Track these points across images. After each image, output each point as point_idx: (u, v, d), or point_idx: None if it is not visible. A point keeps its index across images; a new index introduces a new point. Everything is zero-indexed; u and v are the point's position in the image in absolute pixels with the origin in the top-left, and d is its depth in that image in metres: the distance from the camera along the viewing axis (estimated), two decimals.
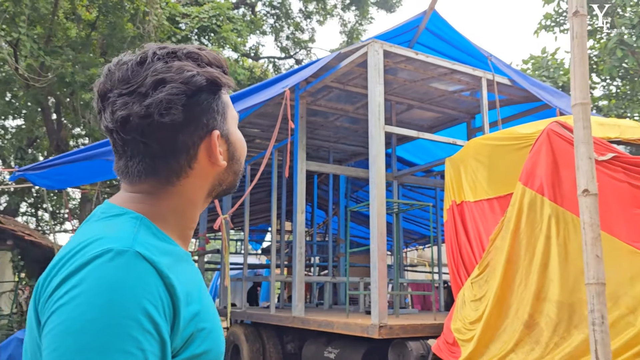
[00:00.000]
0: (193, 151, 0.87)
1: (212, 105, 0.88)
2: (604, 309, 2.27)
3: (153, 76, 0.83)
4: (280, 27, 17.04)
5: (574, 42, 2.58)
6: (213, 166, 0.89)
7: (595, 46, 10.25)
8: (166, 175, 0.86)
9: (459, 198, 4.53)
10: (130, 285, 0.70)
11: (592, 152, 2.43)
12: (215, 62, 0.90)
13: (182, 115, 0.83)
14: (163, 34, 11.00)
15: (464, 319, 4.03)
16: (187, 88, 0.83)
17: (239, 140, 0.95)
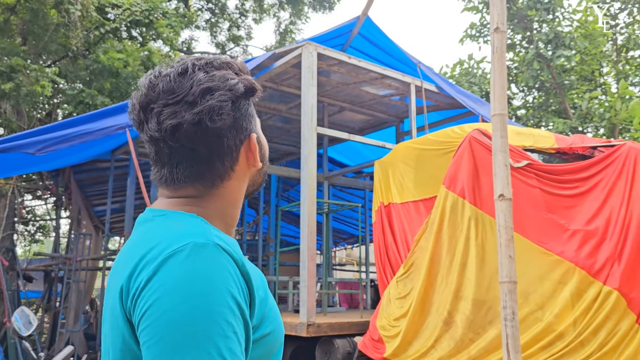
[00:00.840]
0: (236, 154, 0.92)
1: (249, 110, 0.94)
2: (515, 306, 2.44)
3: (199, 85, 0.87)
4: (216, 23, 16.77)
5: (494, 56, 2.76)
6: (250, 167, 0.96)
7: (514, 59, 10.88)
8: (212, 178, 0.91)
9: (386, 200, 4.68)
10: (219, 274, 0.75)
11: (508, 160, 2.61)
12: (245, 70, 0.96)
13: (230, 120, 0.89)
14: (90, 23, 10.52)
15: (389, 316, 4.18)
16: (232, 94, 0.89)
17: (265, 142, 1.03)
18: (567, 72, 10.08)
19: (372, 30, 6.41)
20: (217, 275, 0.75)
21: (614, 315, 3.23)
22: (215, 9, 16.27)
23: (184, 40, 16.95)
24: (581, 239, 3.46)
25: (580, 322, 3.25)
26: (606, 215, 3.57)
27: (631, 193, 3.64)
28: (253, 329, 0.81)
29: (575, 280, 3.32)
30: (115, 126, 5.18)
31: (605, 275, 3.31)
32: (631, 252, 3.41)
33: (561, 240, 3.47)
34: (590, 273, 3.31)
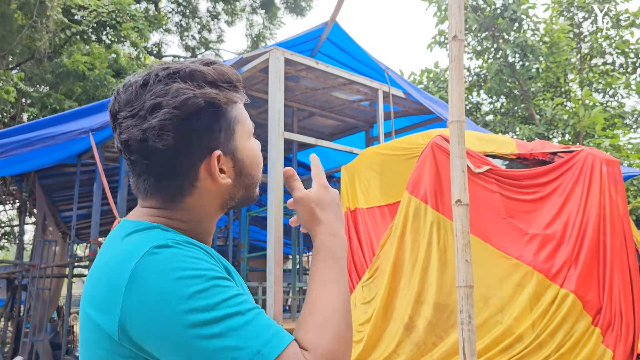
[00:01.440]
0: (193, 172, 0.88)
1: (212, 125, 0.88)
2: (472, 310, 2.48)
3: (151, 100, 0.85)
4: (187, 26, 16.65)
5: (452, 64, 2.80)
6: (217, 184, 0.90)
7: (483, 65, 11.08)
8: (170, 193, 0.89)
9: (352, 205, 4.70)
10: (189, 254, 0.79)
11: (466, 166, 2.65)
12: (222, 77, 0.90)
13: (174, 140, 0.84)
14: (56, 25, 10.33)
15: (355, 322, 4.19)
16: (181, 112, 0.84)
17: (250, 153, 0.95)
18: (532, 79, 10.31)
19: (340, 36, 6.45)
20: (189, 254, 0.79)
21: (571, 317, 3.31)
22: (185, 11, 16.14)
23: (154, 43, 16.78)
24: (539, 243, 3.54)
25: (538, 325, 3.32)
26: (564, 220, 3.66)
27: (588, 198, 3.74)
28: None
29: (534, 284, 3.38)
30: (78, 130, 5.09)
31: (562, 278, 3.39)
32: (587, 256, 3.50)
33: (520, 244, 3.54)
34: (547, 276, 3.39)
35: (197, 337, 0.72)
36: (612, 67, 10.91)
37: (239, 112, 0.94)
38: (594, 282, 3.48)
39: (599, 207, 3.70)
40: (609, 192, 3.76)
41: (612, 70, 10.89)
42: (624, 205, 3.86)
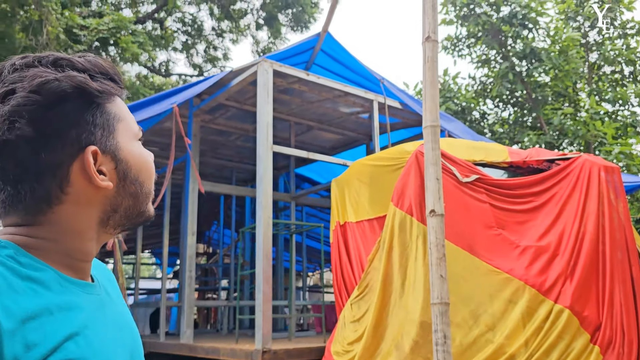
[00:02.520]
0: (62, 172, 0.73)
1: (85, 116, 0.75)
2: (447, 329, 2.29)
3: (3, 88, 0.72)
4: (193, 44, 16.75)
5: (425, 65, 2.65)
6: (96, 189, 0.76)
7: (489, 74, 10.89)
8: (34, 203, 0.73)
9: (342, 219, 4.53)
10: None
11: (440, 173, 2.48)
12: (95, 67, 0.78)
13: (32, 131, 0.70)
14: (59, 45, 10.41)
15: (344, 340, 4.00)
16: (40, 97, 0.70)
17: (136, 156, 0.81)
18: (541, 88, 10.08)
19: (334, 47, 6.33)
20: None
21: (566, 335, 3.08)
22: (191, 30, 16.25)
23: (161, 62, 16.92)
24: (532, 256, 3.32)
25: (532, 343, 3.09)
26: (559, 230, 3.44)
27: (585, 207, 3.53)
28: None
29: (526, 299, 3.16)
30: None
31: (556, 293, 3.16)
32: (584, 268, 3.28)
33: (511, 257, 3.33)
34: (540, 291, 3.17)
35: None
36: (622, 76, 10.64)
37: (120, 109, 0.82)
38: (592, 296, 3.25)
39: (597, 216, 3.48)
40: (608, 200, 3.54)
41: (621, 79, 10.62)
42: (625, 213, 3.64)
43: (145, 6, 16.10)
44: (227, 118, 7.19)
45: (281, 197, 7.38)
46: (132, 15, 13.57)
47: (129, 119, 0.83)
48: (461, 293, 3.33)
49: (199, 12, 16.92)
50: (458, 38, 10.24)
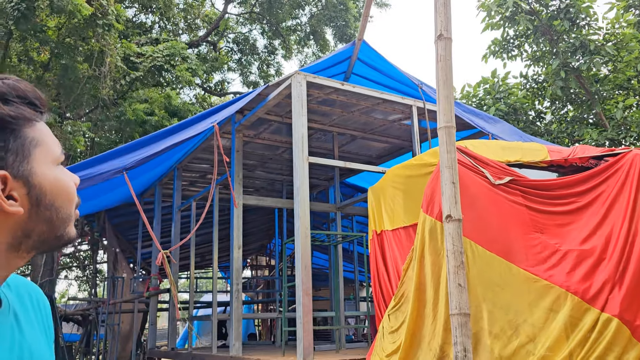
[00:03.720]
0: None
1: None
2: (467, 342, 2.16)
3: None
4: (247, 63, 17.18)
5: (438, 65, 2.54)
6: (4, 214, 0.76)
7: (544, 71, 10.42)
8: None
9: (379, 227, 4.43)
10: None
11: (456, 177, 2.36)
12: (13, 91, 0.79)
13: None
14: (118, 73, 10.97)
15: (383, 352, 3.88)
16: None
17: (53, 182, 0.81)
18: (600, 82, 9.52)
19: (370, 55, 6.27)
20: None
21: (616, 346, 2.83)
22: (244, 49, 16.67)
23: (217, 82, 17.44)
24: (574, 261, 3.09)
25: (577, 355, 2.86)
26: (606, 232, 3.19)
27: (635, 206, 3.25)
28: None
29: (568, 308, 2.94)
30: (112, 170, 5.23)
31: (602, 300, 2.92)
32: (635, 274, 3.01)
33: (551, 262, 3.11)
34: (584, 299, 2.93)
35: None
36: None
37: (39, 134, 0.81)
38: None
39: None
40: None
41: None
42: None
43: (201, 30, 16.71)
44: (270, 132, 7.27)
45: (327, 208, 7.35)
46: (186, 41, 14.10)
47: (49, 143, 0.82)
48: (498, 302, 3.15)
49: (251, 32, 17.36)
50: (506, 40, 9.88)
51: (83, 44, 10.39)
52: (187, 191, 9.41)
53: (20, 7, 8.73)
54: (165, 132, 5.57)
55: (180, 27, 16.64)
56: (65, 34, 10.18)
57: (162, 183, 9.04)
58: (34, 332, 0.86)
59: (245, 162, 8.34)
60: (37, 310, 0.89)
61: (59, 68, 10.51)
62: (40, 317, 0.89)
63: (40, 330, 0.88)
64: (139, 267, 10.58)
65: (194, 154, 7.61)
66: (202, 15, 16.46)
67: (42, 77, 10.62)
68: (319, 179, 9.46)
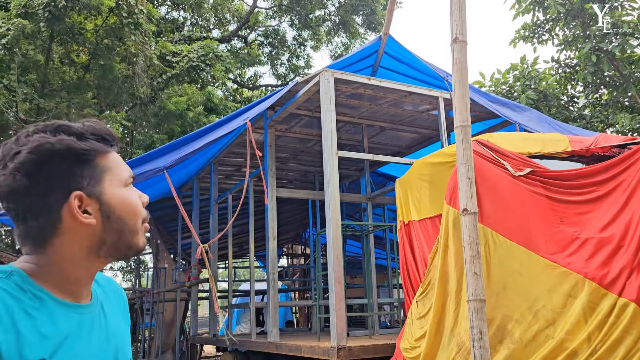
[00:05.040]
0: (54, 211, 0.94)
1: (73, 169, 0.95)
2: (483, 325, 2.34)
3: (14, 149, 0.95)
4: (277, 55, 17.42)
5: (454, 67, 2.70)
6: (82, 225, 0.95)
7: (576, 55, 10.28)
8: (35, 236, 0.96)
9: (406, 218, 4.61)
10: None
11: (472, 173, 2.53)
12: (89, 130, 0.99)
13: (28, 181, 0.92)
14: (154, 71, 11.38)
15: (411, 337, 4.09)
16: (35, 155, 0.93)
17: (121, 200, 1.00)
18: (635, 63, 9.35)
19: (396, 48, 6.39)
20: None
21: (634, 329, 2.95)
22: (274, 41, 16.90)
23: (249, 76, 17.76)
24: (593, 248, 3.21)
25: (594, 338, 3.00)
26: (625, 220, 3.29)
27: None
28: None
29: (586, 293, 3.07)
30: (154, 169, 5.56)
31: (620, 286, 3.04)
32: None
33: (569, 250, 3.24)
34: (602, 284, 3.06)
35: None
36: None
37: (109, 162, 1.01)
38: None
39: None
40: None
41: None
42: None
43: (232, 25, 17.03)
44: (301, 126, 7.49)
45: (358, 199, 7.55)
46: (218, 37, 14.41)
47: (118, 170, 1.02)
48: (518, 289, 3.31)
49: (280, 24, 17.57)
50: (536, 24, 9.79)
51: (120, 44, 10.80)
52: (224, 184, 9.75)
53: (50, 8, 9.14)
54: (202, 132, 5.87)
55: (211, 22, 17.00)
56: (103, 35, 10.61)
57: (199, 177, 9.41)
58: (115, 318, 1.10)
59: (278, 155, 8.61)
60: (117, 300, 1.14)
61: (98, 69, 10.98)
62: (119, 306, 1.14)
63: (120, 316, 1.13)
64: (179, 258, 11.03)
65: (229, 149, 7.91)
66: (232, 10, 16.76)
67: (83, 78, 11.12)
68: (350, 170, 9.64)
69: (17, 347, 0.87)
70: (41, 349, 0.90)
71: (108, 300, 1.11)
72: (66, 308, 0.97)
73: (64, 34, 10.11)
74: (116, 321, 1.09)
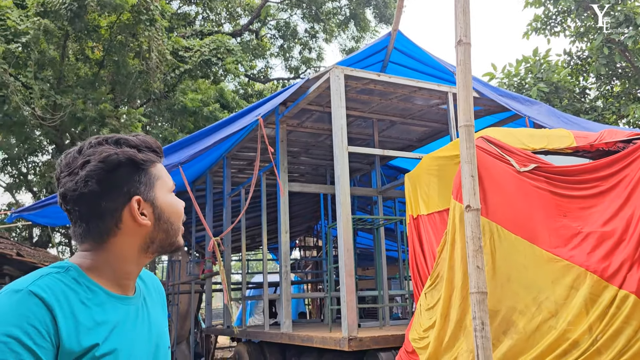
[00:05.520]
0: (117, 214, 1.09)
1: (133, 177, 1.11)
2: (485, 316, 2.46)
3: (82, 159, 1.10)
4: (289, 48, 17.51)
5: (458, 68, 2.80)
6: (139, 226, 1.11)
7: (588, 47, 10.25)
8: (98, 235, 1.10)
9: (415, 212, 4.72)
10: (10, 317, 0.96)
11: (475, 171, 2.63)
12: (143, 143, 1.15)
13: (98, 186, 1.07)
14: (167, 67, 11.54)
15: (420, 327, 4.22)
16: (104, 164, 1.08)
17: (169, 205, 1.16)
18: None
19: (405, 44, 6.47)
20: (5, 319, 0.96)
21: (634, 320, 3.05)
22: (285, 34, 16.98)
23: (260, 69, 17.88)
24: (595, 242, 3.30)
25: (595, 329, 3.11)
26: (627, 215, 3.37)
27: None
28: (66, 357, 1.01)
29: (588, 285, 3.17)
30: (169, 165, 5.71)
31: (620, 278, 3.14)
32: None
33: (572, 244, 3.33)
34: (603, 277, 3.16)
35: None
36: None
37: (159, 171, 1.17)
38: None
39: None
40: None
41: None
42: None
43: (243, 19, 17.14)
44: (313, 121, 7.61)
45: (369, 192, 7.67)
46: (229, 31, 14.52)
47: (165, 178, 1.18)
48: (523, 281, 3.41)
49: (291, 17, 17.64)
50: (548, 16, 9.77)
51: (133, 40, 10.97)
52: (237, 178, 9.92)
53: (73, 7, 9.32)
54: (214, 127, 6.01)
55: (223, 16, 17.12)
56: (117, 31, 10.79)
57: (212, 171, 9.58)
58: (155, 309, 1.25)
59: (290, 149, 8.75)
60: (157, 294, 1.29)
61: (112, 65, 11.18)
62: (158, 299, 1.29)
63: (159, 308, 1.27)
64: (193, 250, 11.24)
65: (242, 144, 8.06)
66: (243, 4, 16.87)
67: (97, 74, 11.33)
68: (362, 163, 9.74)
69: (76, 333, 1.01)
70: (95, 334, 1.04)
71: (149, 293, 1.26)
72: (115, 300, 1.12)
73: (79, 31, 10.30)
74: (156, 312, 1.24)
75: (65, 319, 1.01)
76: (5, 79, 8.88)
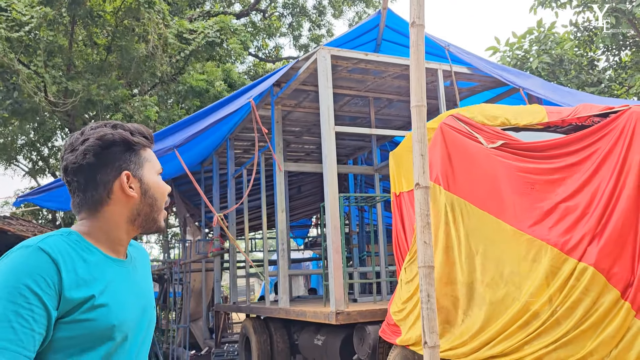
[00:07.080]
0: (109, 185, 1.28)
1: (125, 155, 1.31)
2: (431, 289, 2.57)
3: (83, 138, 1.30)
4: (298, 26, 17.43)
5: (412, 49, 2.87)
6: (127, 197, 1.30)
7: (595, 16, 10.04)
8: (93, 203, 1.29)
9: (398, 189, 4.82)
10: (19, 269, 1.12)
11: (425, 150, 2.72)
12: (137, 129, 1.36)
13: (95, 159, 1.26)
14: (173, 50, 11.68)
15: (399, 300, 4.36)
16: (100, 142, 1.28)
17: (154, 183, 1.35)
18: None
19: (397, 22, 6.48)
20: (17, 269, 1.13)
21: (591, 292, 3.13)
22: (295, 11, 16.91)
23: (270, 49, 17.89)
24: (559, 216, 3.37)
25: (555, 300, 3.20)
26: (592, 188, 3.42)
27: (625, 161, 3.44)
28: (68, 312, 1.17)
29: (548, 258, 3.25)
30: (165, 148, 5.89)
31: (580, 251, 3.20)
32: (617, 226, 3.25)
33: (535, 218, 3.40)
34: (563, 250, 3.23)
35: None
36: None
37: (148, 155, 1.38)
38: (626, 253, 3.22)
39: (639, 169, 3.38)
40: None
41: None
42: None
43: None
44: (310, 101, 7.68)
45: (365, 171, 7.76)
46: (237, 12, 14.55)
47: (153, 162, 1.38)
48: (489, 255, 3.51)
49: None
50: None
51: (138, 24, 11.10)
52: (242, 158, 10.09)
53: None
54: (208, 110, 6.16)
55: None
56: (122, 16, 10.93)
57: (218, 152, 9.77)
58: (144, 274, 1.44)
59: (292, 129, 8.87)
60: (143, 260, 1.48)
61: (119, 49, 11.35)
62: (144, 265, 1.48)
63: (146, 273, 1.47)
64: (204, 229, 11.52)
65: (243, 125, 8.20)
66: None
67: (105, 59, 11.54)
68: (364, 141, 9.82)
69: (76, 284, 1.20)
70: (92, 287, 1.23)
71: (138, 260, 1.45)
72: (110, 261, 1.31)
73: (85, 18, 10.47)
74: (144, 276, 1.44)
75: (67, 272, 1.18)
76: (15, 67, 9.13)
